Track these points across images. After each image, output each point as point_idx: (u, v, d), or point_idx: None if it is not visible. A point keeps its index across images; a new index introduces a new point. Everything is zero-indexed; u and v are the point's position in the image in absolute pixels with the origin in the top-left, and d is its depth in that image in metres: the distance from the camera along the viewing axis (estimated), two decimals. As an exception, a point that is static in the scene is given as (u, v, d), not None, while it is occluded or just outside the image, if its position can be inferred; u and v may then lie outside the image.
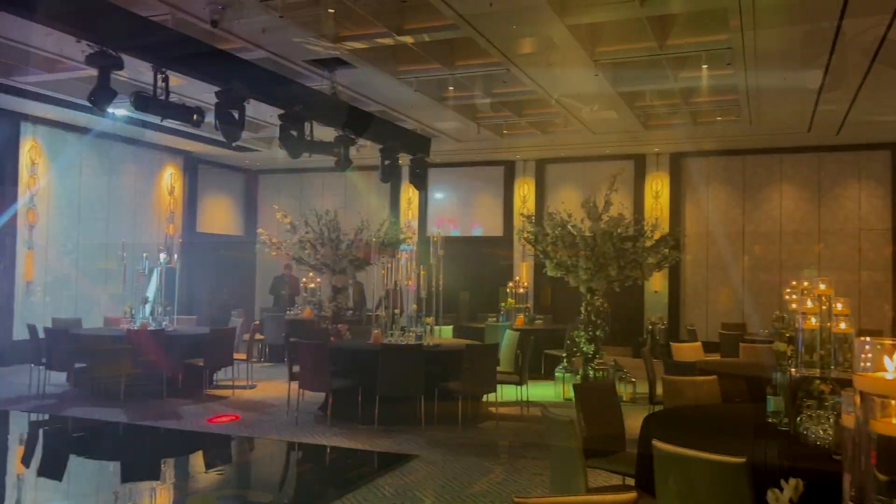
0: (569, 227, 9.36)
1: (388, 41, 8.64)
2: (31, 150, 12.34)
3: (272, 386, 10.31)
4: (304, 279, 13.59)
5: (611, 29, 8.57)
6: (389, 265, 9.48)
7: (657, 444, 3.02)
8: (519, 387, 8.52)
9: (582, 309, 9.51)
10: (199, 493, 6.17)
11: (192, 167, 15.75)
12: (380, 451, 6.88)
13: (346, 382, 7.87)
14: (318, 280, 12.87)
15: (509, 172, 15.81)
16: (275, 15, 7.37)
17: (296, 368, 8.21)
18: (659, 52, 8.75)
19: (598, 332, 9.38)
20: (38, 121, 12.27)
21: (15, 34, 8.18)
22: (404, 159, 11.60)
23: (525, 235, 9.90)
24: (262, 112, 11.34)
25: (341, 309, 11.87)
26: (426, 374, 7.66)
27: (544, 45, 8.74)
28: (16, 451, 7.72)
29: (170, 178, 15.26)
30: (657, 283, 14.27)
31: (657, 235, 9.59)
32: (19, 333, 11.57)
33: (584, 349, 9.41)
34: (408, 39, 8.50)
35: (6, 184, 11.88)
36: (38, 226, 12.46)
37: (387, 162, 10.87)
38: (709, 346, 9.73)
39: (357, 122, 10.16)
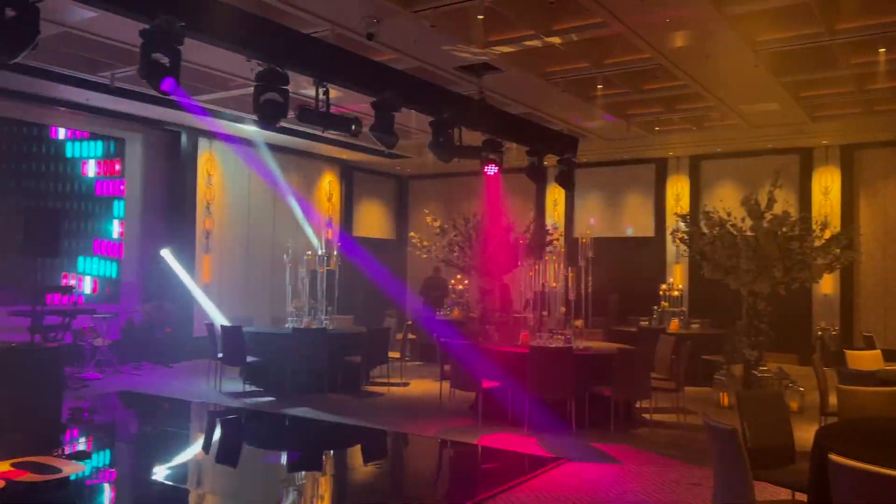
0: (728, 226, 8.89)
1: (535, 43, 8.64)
2: (207, 162, 13.51)
3: (424, 384, 10.61)
4: (452, 281, 13.88)
5: (772, 16, 8.06)
6: (536, 267, 9.46)
7: (836, 458, 2.81)
8: (675, 393, 8.21)
9: (743, 313, 9.00)
10: (357, 485, 6.48)
11: (348, 175, 16.57)
12: (529, 454, 6.89)
13: (495, 382, 7.95)
14: (467, 282, 13.10)
15: (661, 170, 15.27)
16: (426, 25, 7.60)
17: (447, 368, 8.42)
18: (828, 37, 8.12)
19: (760, 338, 8.85)
20: (213, 136, 13.40)
21: (193, 56, 8.99)
22: (550, 160, 11.54)
23: (679, 235, 9.52)
24: (412, 119, 11.73)
25: (489, 310, 11.98)
26: (576, 378, 7.58)
27: (699, 37, 8.38)
28: (196, 439, 8.48)
29: (328, 185, 16.13)
30: (827, 286, 13.20)
31: (827, 234, 8.88)
32: (198, 331, 12.69)
33: (746, 355, 8.90)
34: (555, 40, 8.46)
35: (187, 194, 13.08)
36: (213, 232, 13.61)
37: (534, 164, 10.86)
38: (889, 355, 8.88)
39: (504, 125, 10.24)
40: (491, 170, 9.85)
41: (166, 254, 12.39)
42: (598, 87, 10.35)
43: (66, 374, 9.41)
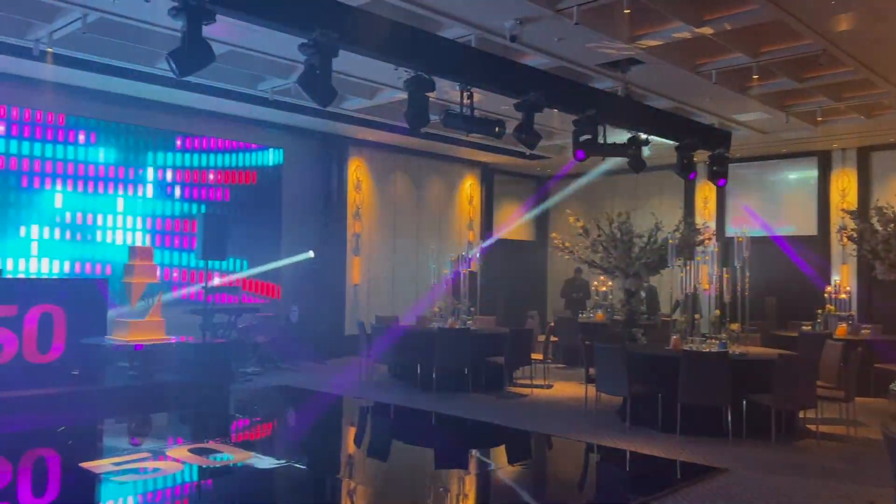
0: (905, 222, 8.13)
1: (684, 35, 8.30)
2: (356, 169, 14.11)
3: (568, 387, 10.48)
4: (594, 282, 13.61)
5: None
6: (687, 268, 9.08)
7: None
8: (844, 404, 7.60)
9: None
10: (502, 485, 6.51)
11: (488, 177, 16.71)
12: (683, 461, 6.62)
13: (644, 388, 7.72)
14: (610, 283, 12.80)
15: (824, 163, 14.16)
16: (570, 23, 7.51)
17: (592, 371, 8.27)
18: None
19: (946, 346, 8.00)
20: (361, 143, 13.97)
21: (342, 67, 9.42)
22: (700, 156, 11.04)
23: (847, 234, 8.81)
24: (553, 119, 11.64)
25: (635, 313, 11.65)
26: (732, 384, 7.20)
27: (869, 19, 7.71)
28: (348, 432, 8.88)
29: (469, 188, 16.36)
30: None
31: None
32: (349, 330, 13.28)
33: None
34: (707, 31, 8.08)
35: (338, 200, 13.72)
36: (362, 235, 14.19)
37: (683, 160, 10.43)
38: None
39: (651, 120, 9.92)
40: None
41: (314, 255, 13.07)
42: (754, 77, 9.76)
43: (232, 369, 10.16)
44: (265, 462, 6.71)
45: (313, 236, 13.44)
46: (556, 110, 10.24)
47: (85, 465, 6.44)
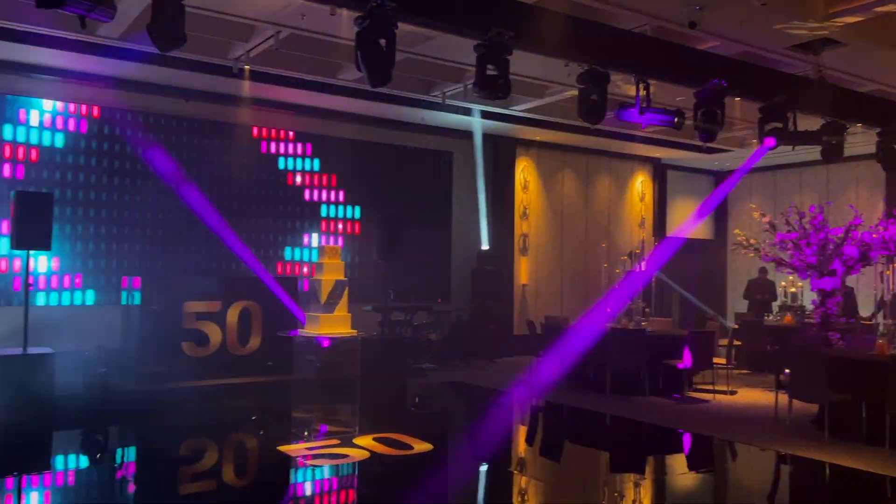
0: None
1: (889, 8, 7.51)
2: (523, 169, 14.15)
3: (753, 394, 9.84)
4: (781, 283, 12.67)
5: None
6: (893, 266, 8.21)
7: None
8: None
9: None
10: (681, 493, 6.22)
11: (660, 173, 16.10)
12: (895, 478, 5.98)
13: (845, 395, 7.06)
14: (800, 284, 11.85)
15: None
16: (755, 5, 7.05)
17: (782, 377, 7.70)
18: None
19: None
20: (528, 143, 13.99)
21: (512, 67, 9.49)
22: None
23: None
24: (732, 109, 10.96)
25: (830, 315, 10.68)
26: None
27: None
28: (519, 430, 8.90)
29: (640, 185, 15.85)
30: None
31: None
32: (518, 329, 13.33)
33: None
34: (917, 1, 7.27)
35: (506, 201, 13.83)
36: (530, 235, 14.19)
37: (885, 148, 9.45)
38: None
39: (848, 105, 9.08)
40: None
41: (484, 255, 13.25)
42: (978, 50, 8.64)
43: (408, 365, 10.56)
44: (441, 454, 6.88)
45: (482, 236, 13.65)
46: (736, 99, 9.68)
47: (282, 448, 6.97)
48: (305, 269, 11.67)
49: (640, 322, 10.42)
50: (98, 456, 7.06)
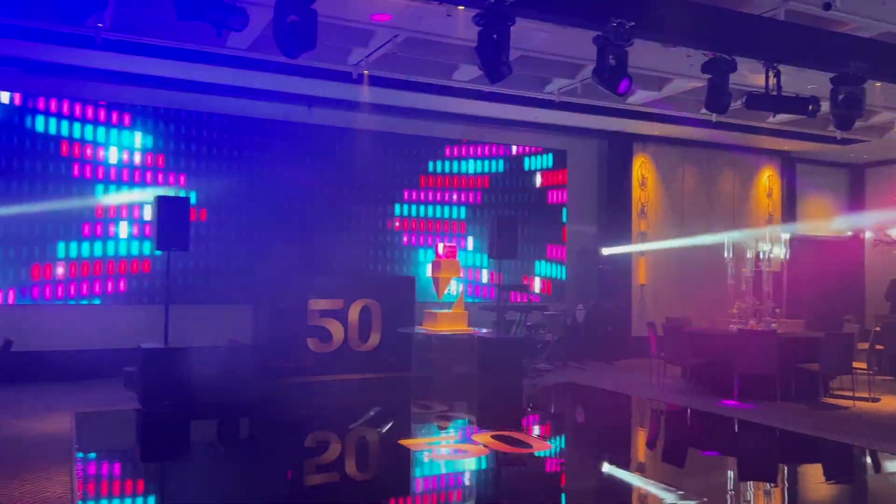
0: None
1: None
2: (641, 165, 13.74)
3: (899, 401, 9.11)
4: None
5: None
6: None
7: None
8: None
9: None
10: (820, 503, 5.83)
11: (789, 167, 15.20)
12: None
13: None
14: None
15: None
16: (902, -21, 6.52)
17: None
18: None
19: None
20: (646, 138, 13.57)
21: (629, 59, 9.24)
22: None
23: None
24: (871, 96, 10.16)
25: None
26: None
27: None
28: (639, 433, 8.62)
29: (767, 180, 15.03)
30: None
31: None
32: (636, 331, 12.96)
33: None
34: None
35: (623, 198, 13.48)
36: (648, 234, 13.76)
37: None
38: None
39: None
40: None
41: (609, 253, 12.98)
42: None
43: (524, 365, 10.49)
44: (561, 454, 6.78)
45: (597, 236, 13.39)
46: (877, 85, 8.98)
47: (403, 442, 7.10)
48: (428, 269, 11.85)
49: (769, 323, 9.88)
50: (230, 445, 7.45)
